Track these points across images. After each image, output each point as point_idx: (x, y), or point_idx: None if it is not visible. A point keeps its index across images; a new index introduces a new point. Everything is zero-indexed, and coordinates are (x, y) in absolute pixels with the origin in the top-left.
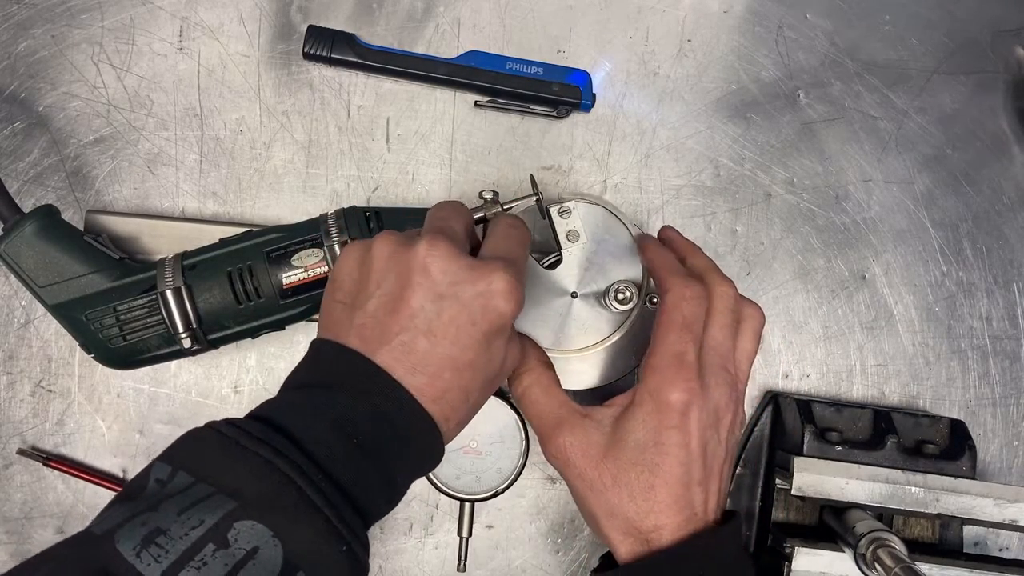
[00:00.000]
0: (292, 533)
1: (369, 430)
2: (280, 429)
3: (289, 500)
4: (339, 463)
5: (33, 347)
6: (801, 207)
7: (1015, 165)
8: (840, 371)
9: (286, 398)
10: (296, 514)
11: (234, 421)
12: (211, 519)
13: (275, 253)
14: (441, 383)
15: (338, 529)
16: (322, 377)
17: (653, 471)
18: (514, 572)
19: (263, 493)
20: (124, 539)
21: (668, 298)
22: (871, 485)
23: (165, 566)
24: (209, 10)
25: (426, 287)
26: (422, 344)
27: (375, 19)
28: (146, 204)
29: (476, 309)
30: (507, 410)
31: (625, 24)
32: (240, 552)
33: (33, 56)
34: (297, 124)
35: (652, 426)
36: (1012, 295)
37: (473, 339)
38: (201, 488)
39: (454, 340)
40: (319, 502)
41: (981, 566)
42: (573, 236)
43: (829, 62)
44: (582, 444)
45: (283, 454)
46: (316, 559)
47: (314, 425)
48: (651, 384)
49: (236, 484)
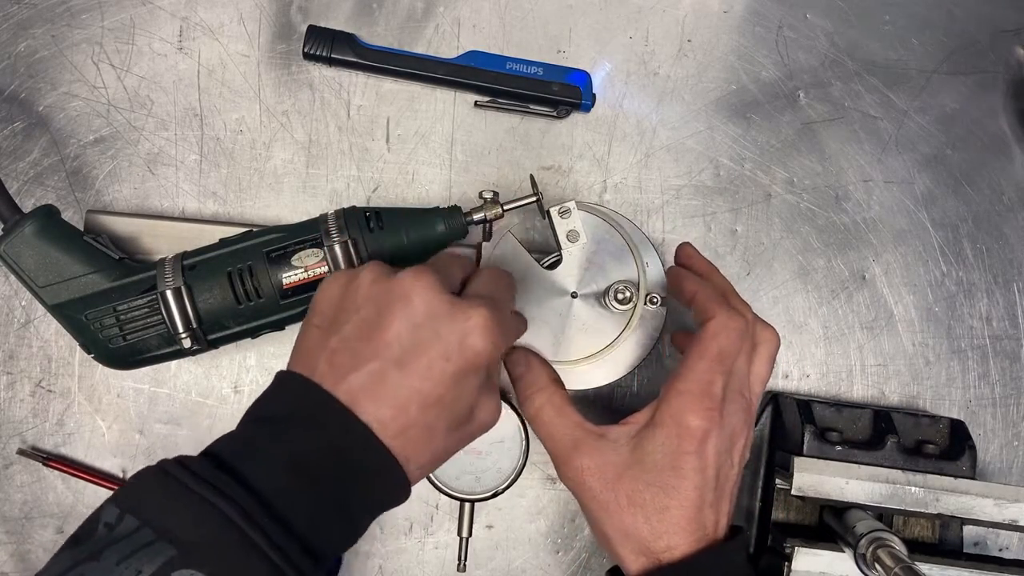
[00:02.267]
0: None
1: (324, 466)
2: (228, 468)
3: (231, 544)
4: (289, 502)
5: (33, 347)
6: (801, 207)
7: (1015, 165)
8: (840, 371)
9: (241, 433)
10: (239, 559)
11: (184, 460)
12: (148, 568)
13: (275, 253)
14: (405, 418)
15: (283, 571)
16: (280, 409)
17: (668, 493)
18: (514, 572)
19: (204, 538)
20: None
21: (710, 326)
22: (871, 485)
23: None
24: (209, 10)
25: (404, 316)
26: (392, 375)
27: (375, 19)
28: (146, 204)
29: (452, 344)
30: (507, 411)
31: (625, 24)
32: None
33: (33, 56)
34: (297, 124)
35: (671, 449)
36: (1012, 295)
37: (445, 375)
38: (144, 534)
39: (425, 374)
40: (263, 545)
41: (981, 566)
42: (573, 236)
43: (829, 62)
44: (598, 466)
45: (226, 495)
46: None
47: (266, 462)
48: (674, 407)
49: (177, 529)
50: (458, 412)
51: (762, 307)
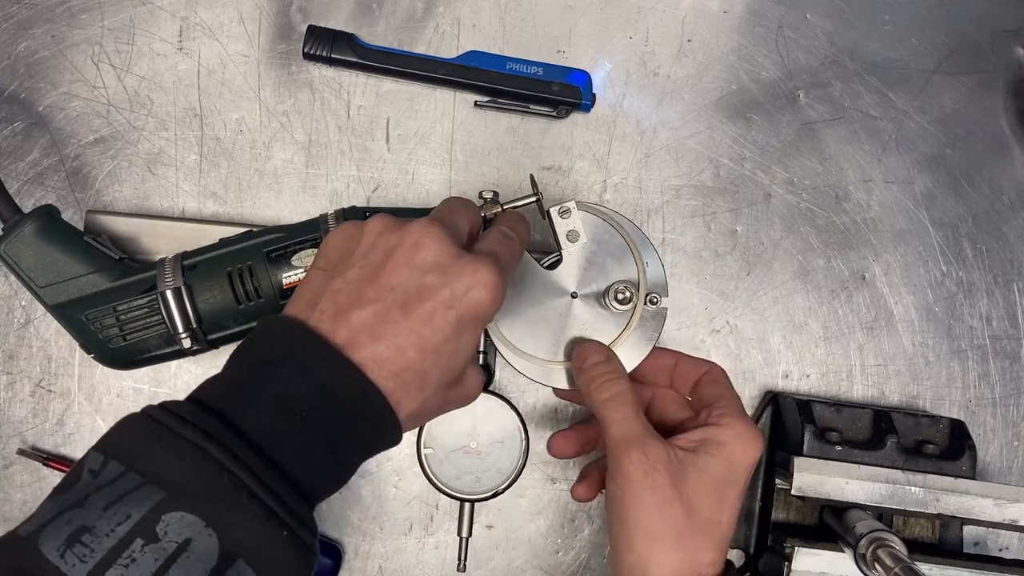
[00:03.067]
0: (227, 522)
1: (314, 406)
2: (215, 411)
3: (221, 487)
4: (279, 443)
5: (33, 347)
6: (801, 207)
7: (1015, 165)
8: (840, 371)
9: (227, 375)
10: (230, 501)
11: (168, 404)
12: (138, 512)
13: (275, 253)
14: (402, 360)
15: (277, 514)
16: (266, 352)
17: (722, 509)
18: (514, 572)
19: (193, 481)
20: (48, 539)
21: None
22: (871, 485)
23: (91, 566)
24: (209, 10)
25: (411, 263)
26: (394, 315)
27: (375, 19)
28: (146, 204)
29: (457, 294)
30: (507, 410)
31: (625, 24)
32: (171, 545)
33: (33, 56)
34: (297, 124)
35: (720, 475)
36: (1012, 295)
37: (447, 323)
38: (131, 478)
39: (426, 319)
40: (254, 487)
41: (981, 566)
42: (573, 236)
43: (829, 62)
44: (663, 463)
45: (214, 438)
46: (256, 546)
47: (253, 403)
48: (738, 429)
49: (165, 473)
50: (453, 367)
51: (762, 307)
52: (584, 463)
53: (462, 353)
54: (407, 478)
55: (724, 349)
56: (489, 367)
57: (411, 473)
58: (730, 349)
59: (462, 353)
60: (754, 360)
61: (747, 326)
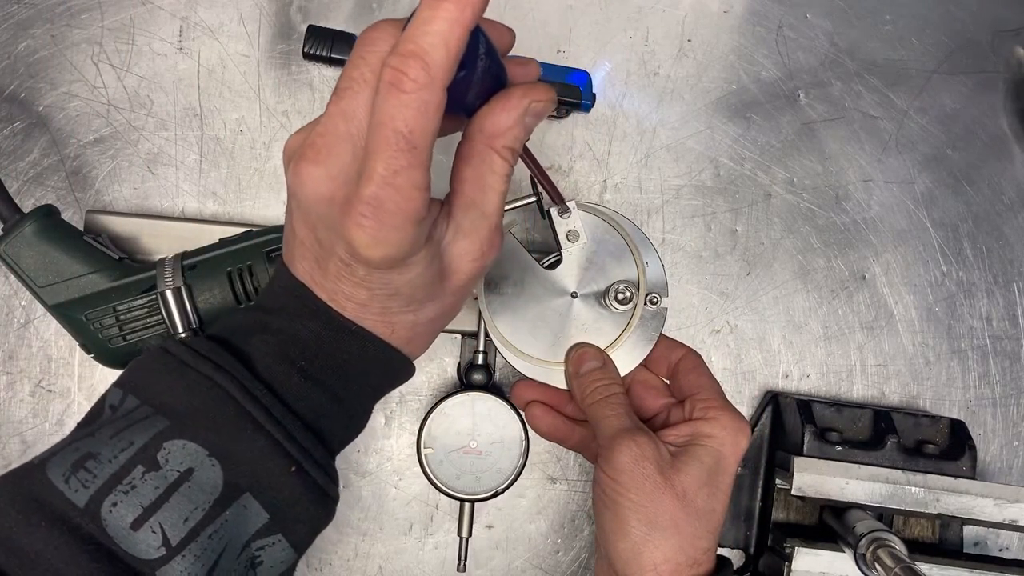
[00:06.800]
0: (231, 452)
1: (315, 353)
2: (231, 346)
3: (226, 417)
4: (289, 386)
5: (33, 347)
6: (801, 207)
7: (1015, 165)
8: (840, 371)
9: (244, 319)
10: (233, 431)
11: (185, 339)
12: (140, 440)
13: (275, 253)
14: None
15: (284, 447)
16: (268, 299)
17: (716, 498)
18: (514, 572)
19: (198, 410)
20: (55, 466)
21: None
22: (871, 485)
23: (92, 491)
24: (209, 10)
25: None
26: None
27: (375, 19)
28: (146, 204)
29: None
30: (507, 410)
31: (625, 24)
32: (172, 474)
33: (33, 56)
34: (297, 124)
35: (711, 467)
36: (1012, 295)
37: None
38: (142, 411)
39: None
40: (260, 417)
41: (981, 566)
42: (573, 236)
43: (829, 62)
44: (654, 457)
45: (224, 369)
46: (263, 480)
47: (260, 347)
48: (725, 421)
49: (173, 403)
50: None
51: (762, 307)
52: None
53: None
54: (407, 478)
55: (724, 349)
56: (489, 367)
57: (411, 473)
58: (730, 349)
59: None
60: (754, 360)
61: (747, 326)
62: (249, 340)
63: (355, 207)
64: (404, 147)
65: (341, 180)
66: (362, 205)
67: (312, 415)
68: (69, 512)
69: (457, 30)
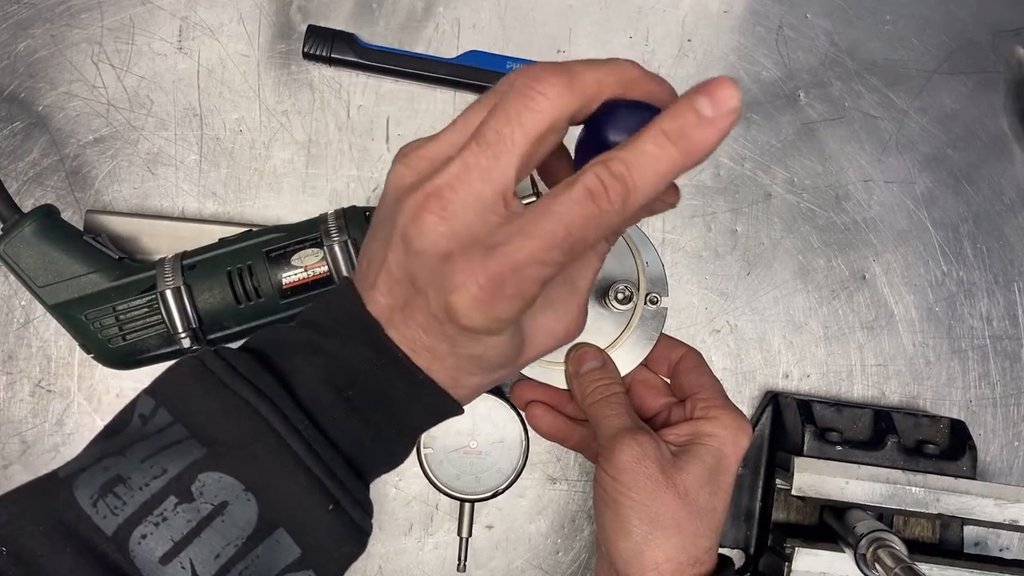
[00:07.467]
0: (268, 487)
1: (367, 383)
2: (272, 367)
3: (266, 449)
4: (333, 417)
5: (33, 347)
6: (801, 207)
7: (1015, 165)
8: (840, 371)
9: (289, 336)
10: (274, 466)
11: (223, 352)
12: (174, 469)
13: (275, 253)
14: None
15: (323, 483)
16: (325, 319)
17: (717, 496)
18: (514, 572)
19: (237, 440)
20: (83, 486)
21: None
22: (871, 485)
23: (121, 519)
24: (209, 10)
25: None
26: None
27: (375, 19)
28: (146, 204)
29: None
30: (507, 410)
31: (625, 24)
32: (206, 507)
33: (33, 56)
34: (297, 124)
35: (712, 465)
36: (1012, 295)
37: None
38: (176, 431)
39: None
40: (302, 452)
41: (981, 566)
42: None
43: (829, 62)
44: (655, 456)
45: (264, 395)
46: (299, 517)
47: (310, 366)
48: (726, 421)
49: (210, 428)
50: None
51: (762, 307)
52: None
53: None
54: (407, 478)
55: (724, 349)
56: None
57: (411, 473)
58: (730, 349)
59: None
60: (754, 360)
61: (747, 326)
62: (293, 358)
63: (472, 275)
64: (564, 249)
65: (463, 239)
66: (483, 278)
67: (354, 450)
68: (95, 539)
69: (672, 175)
